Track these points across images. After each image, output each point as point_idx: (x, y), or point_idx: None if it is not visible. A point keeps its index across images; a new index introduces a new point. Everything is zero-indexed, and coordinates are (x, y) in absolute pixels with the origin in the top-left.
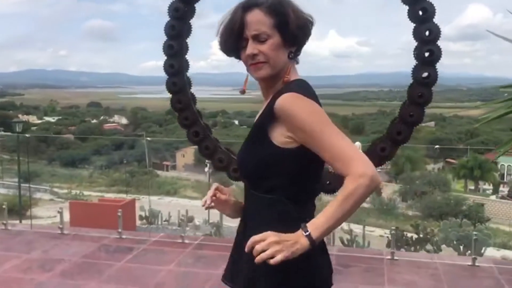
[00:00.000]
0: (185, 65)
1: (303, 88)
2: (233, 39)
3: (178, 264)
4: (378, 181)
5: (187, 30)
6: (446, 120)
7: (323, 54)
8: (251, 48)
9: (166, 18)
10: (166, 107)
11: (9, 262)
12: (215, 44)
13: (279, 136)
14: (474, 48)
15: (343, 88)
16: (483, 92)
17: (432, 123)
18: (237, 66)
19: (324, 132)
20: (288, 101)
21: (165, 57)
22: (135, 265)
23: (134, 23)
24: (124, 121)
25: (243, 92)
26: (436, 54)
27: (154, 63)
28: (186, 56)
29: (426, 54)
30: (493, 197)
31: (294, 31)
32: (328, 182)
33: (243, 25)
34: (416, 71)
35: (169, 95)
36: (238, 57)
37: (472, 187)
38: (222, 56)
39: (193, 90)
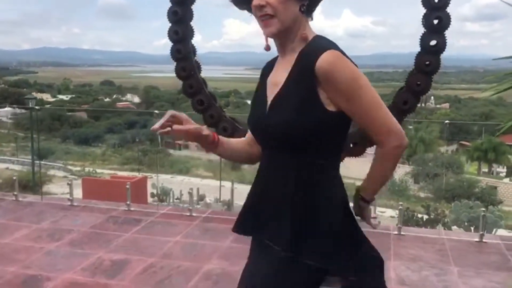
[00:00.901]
0: (190, 32)
1: (336, 46)
2: None
3: (186, 235)
4: (407, 146)
5: (190, 14)
6: (461, 102)
7: (337, 34)
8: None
9: None
10: (178, 86)
11: (19, 232)
12: (228, 22)
13: (323, 98)
14: (492, 29)
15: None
16: (498, 73)
17: (447, 105)
18: (249, 46)
19: (365, 99)
20: (330, 62)
21: (170, 24)
22: (143, 236)
23: (148, 1)
24: (136, 99)
25: (268, 48)
26: (444, 21)
27: (166, 41)
28: (192, 23)
29: (435, 22)
30: (506, 180)
31: None
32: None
33: None
34: (424, 39)
35: None
36: (249, 9)
37: (486, 170)
38: (235, 35)
39: (206, 69)
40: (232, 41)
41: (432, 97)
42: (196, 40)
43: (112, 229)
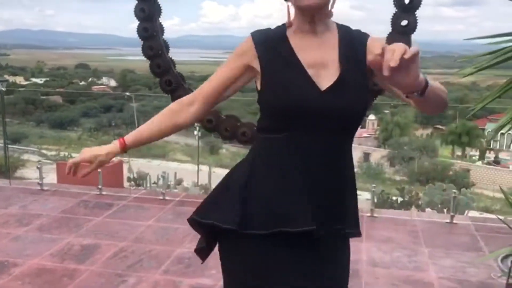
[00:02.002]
0: (157, 10)
1: None
2: None
3: (158, 219)
4: None
5: (158, 10)
6: None
7: (338, 7)
8: None
9: None
10: None
11: None
12: (206, 5)
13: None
14: (467, 14)
15: None
16: (475, 59)
17: None
18: (227, 29)
19: None
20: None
21: (136, 2)
22: (114, 220)
23: None
24: (112, 83)
25: (290, 25)
26: (415, 1)
27: None
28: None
29: (406, 1)
30: (479, 163)
31: None
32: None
33: None
34: (395, 19)
35: None
36: None
37: (459, 153)
38: (212, 18)
39: (183, 52)
40: (210, 24)
41: None
42: (174, 23)
43: (82, 213)
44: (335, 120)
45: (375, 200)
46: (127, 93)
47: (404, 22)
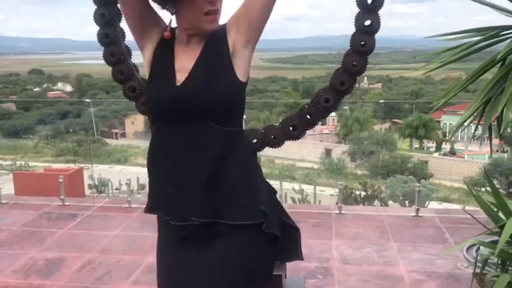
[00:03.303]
0: (118, 15)
1: None
2: None
3: (125, 228)
4: None
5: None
6: (392, 81)
7: (272, 18)
8: None
9: None
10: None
11: None
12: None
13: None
14: (419, 10)
15: (293, 51)
16: (431, 55)
17: (379, 85)
18: None
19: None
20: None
21: (95, 6)
22: (79, 232)
23: None
24: (68, 88)
25: (168, 36)
26: (378, 1)
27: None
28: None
29: (369, 1)
30: (436, 155)
31: None
32: (273, 136)
33: None
34: (358, 19)
35: None
36: (176, 2)
37: (417, 146)
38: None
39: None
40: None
41: (365, 78)
42: (105, 22)
43: (45, 226)
44: (188, 110)
45: (338, 194)
46: (87, 100)
47: (367, 22)
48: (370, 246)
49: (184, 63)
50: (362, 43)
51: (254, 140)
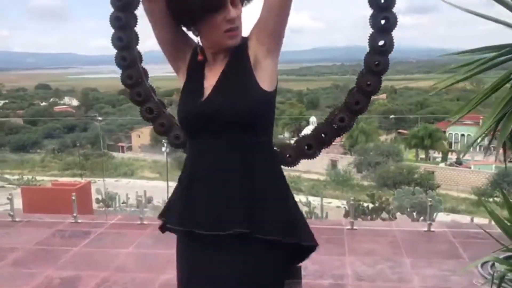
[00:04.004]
0: (135, 38)
1: None
2: (217, 1)
3: (138, 246)
4: None
5: (136, 2)
6: (397, 92)
7: None
8: (233, 11)
9: None
10: (118, 87)
11: None
12: None
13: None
14: (423, 21)
15: (297, 63)
16: (431, 64)
17: (383, 95)
18: None
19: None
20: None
21: (113, 31)
22: (93, 249)
23: (82, 1)
24: (75, 102)
25: (201, 58)
26: (392, 21)
27: (104, 42)
28: (136, 29)
29: (382, 22)
30: (442, 165)
31: None
32: (288, 155)
33: None
34: (372, 39)
35: (119, 76)
36: (198, 22)
37: (423, 156)
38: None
39: (147, 68)
40: None
41: None
42: (123, 45)
43: (59, 244)
44: (217, 122)
45: (348, 209)
46: (99, 118)
47: (381, 42)
48: (384, 262)
49: (211, 81)
50: (376, 63)
51: None
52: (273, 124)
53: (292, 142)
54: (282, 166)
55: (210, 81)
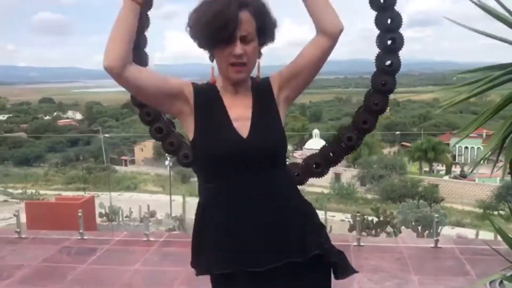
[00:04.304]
0: (145, 59)
1: None
2: (224, 35)
3: (144, 263)
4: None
5: (145, 22)
6: (400, 105)
7: (278, 44)
8: (240, 48)
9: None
10: (121, 100)
11: None
12: (170, 35)
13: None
14: (425, 34)
15: None
16: (434, 77)
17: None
18: (193, 57)
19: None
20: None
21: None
22: (100, 267)
23: (86, 16)
24: (78, 116)
25: (214, 83)
26: (398, 42)
27: None
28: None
29: (389, 42)
30: (446, 178)
31: (270, 35)
32: (296, 173)
33: (237, 24)
34: (379, 59)
35: (123, 89)
36: (212, 49)
37: (427, 169)
38: (177, 47)
39: None
40: (176, 53)
41: None
42: None
43: (66, 261)
44: (257, 160)
45: (352, 222)
46: (106, 135)
47: (388, 62)
48: (391, 279)
49: (240, 113)
50: (383, 82)
51: None
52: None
53: (295, 154)
54: None
55: (236, 112)
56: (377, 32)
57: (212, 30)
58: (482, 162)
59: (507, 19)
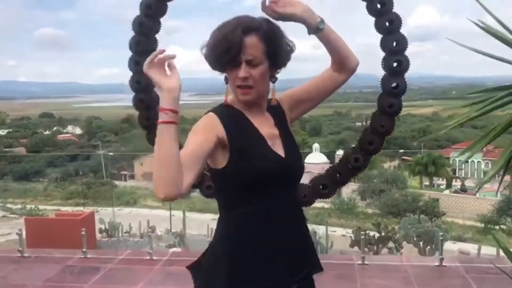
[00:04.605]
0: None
1: None
2: (228, 59)
3: (148, 282)
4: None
5: (157, 28)
6: (400, 118)
7: None
8: (244, 71)
9: (118, 27)
10: (121, 115)
11: None
12: (170, 50)
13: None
14: (424, 49)
15: None
16: (434, 91)
17: None
18: (193, 72)
19: None
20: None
21: (131, 55)
22: (103, 286)
23: (86, 31)
24: (78, 131)
25: (228, 103)
26: (404, 65)
27: (108, 71)
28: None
29: (394, 65)
30: (446, 192)
31: (282, 60)
32: (303, 195)
33: (241, 48)
34: (385, 81)
35: (122, 104)
36: (222, 71)
37: (427, 183)
38: (178, 61)
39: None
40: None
41: None
42: (139, 69)
43: (69, 280)
44: (292, 179)
45: (353, 238)
46: (110, 154)
47: (393, 84)
48: None
49: (269, 132)
50: (389, 104)
51: None
52: None
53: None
54: None
55: (265, 132)
56: (377, 46)
57: (217, 53)
58: (482, 175)
59: (507, 39)
